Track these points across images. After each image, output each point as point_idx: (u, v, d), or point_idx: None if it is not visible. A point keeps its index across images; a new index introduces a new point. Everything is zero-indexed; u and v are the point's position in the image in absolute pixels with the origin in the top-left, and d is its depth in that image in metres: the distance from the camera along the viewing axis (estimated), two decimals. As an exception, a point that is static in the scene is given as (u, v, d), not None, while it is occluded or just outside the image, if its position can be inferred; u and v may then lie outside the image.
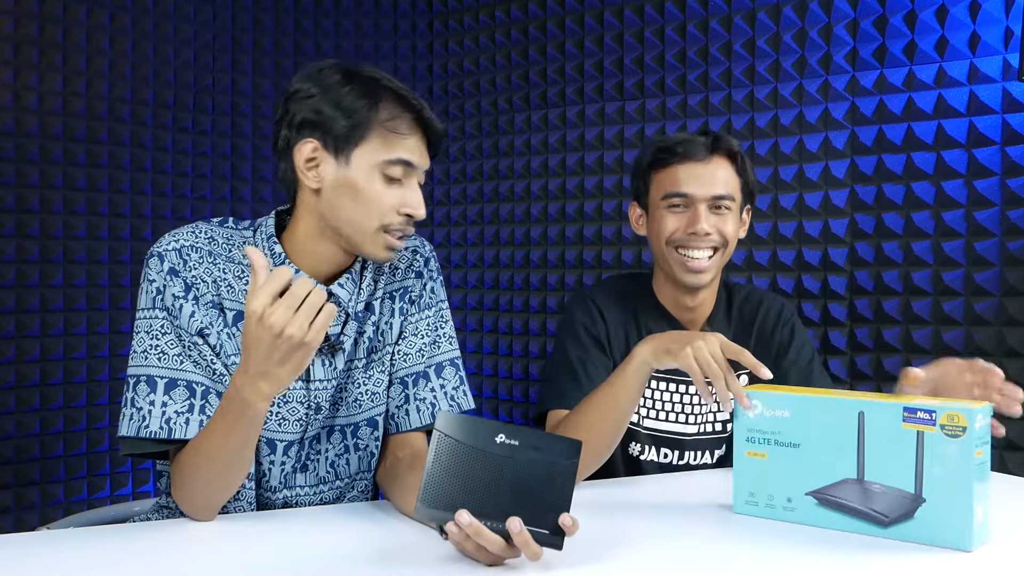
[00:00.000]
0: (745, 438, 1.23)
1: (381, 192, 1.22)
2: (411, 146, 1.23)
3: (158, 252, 1.23)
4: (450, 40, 3.29)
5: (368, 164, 1.21)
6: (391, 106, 1.22)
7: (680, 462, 1.63)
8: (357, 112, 1.20)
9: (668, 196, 1.58)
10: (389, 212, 1.23)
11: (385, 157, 1.21)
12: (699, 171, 1.56)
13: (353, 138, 1.21)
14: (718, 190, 1.56)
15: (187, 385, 1.19)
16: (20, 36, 2.68)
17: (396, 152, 1.22)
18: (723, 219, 1.57)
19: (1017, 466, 2.11)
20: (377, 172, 1.21)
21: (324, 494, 1.35)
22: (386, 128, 1.21)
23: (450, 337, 1.40)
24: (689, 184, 1.56)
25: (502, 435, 0.98)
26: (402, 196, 1.23)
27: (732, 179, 1.58)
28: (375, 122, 1.21)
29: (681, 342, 1.29)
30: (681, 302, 1.63)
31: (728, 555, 1.11)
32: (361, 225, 1.23)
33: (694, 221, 1.54)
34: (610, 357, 1.59)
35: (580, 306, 1.64)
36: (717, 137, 1.60)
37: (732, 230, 1.58)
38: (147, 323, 1.21)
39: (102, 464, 2.88)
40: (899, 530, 1.12)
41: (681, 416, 1.61)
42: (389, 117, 1.21)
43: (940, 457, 1.09)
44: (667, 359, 1.30)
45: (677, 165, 1.57)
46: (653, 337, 1.36)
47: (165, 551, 1.10)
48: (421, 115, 1.24)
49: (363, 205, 1.22)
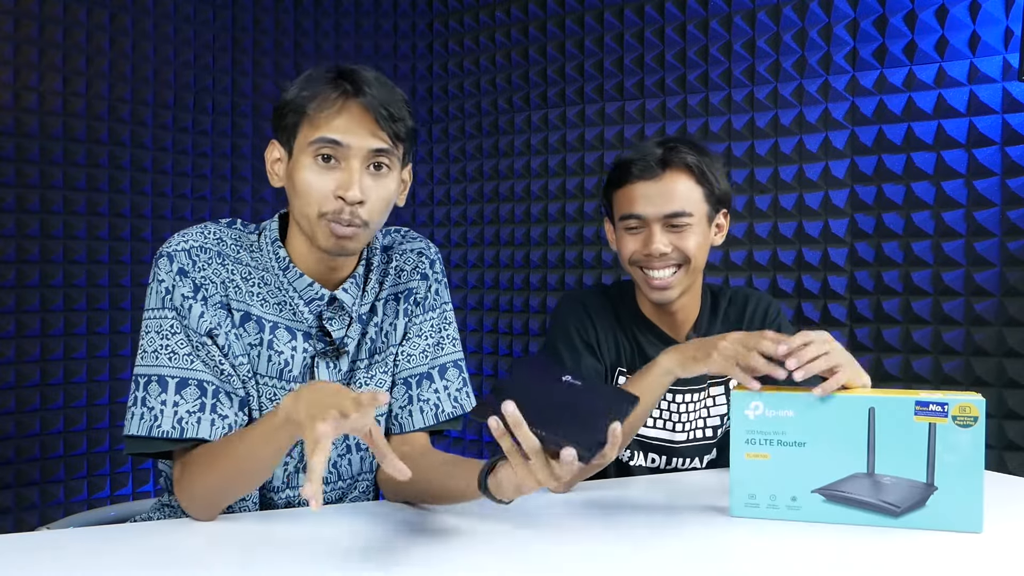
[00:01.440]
0: (744, 440, 1.23)
1: (314, 178, 1.18)
2: (337, 125, 1.17)
3: (167, 252, 1.23)
4: (450, 40, 3.29)
5: (303, 150, 1.19)
6: (319, 86, 1.18)
7: (668, 467, 1.63)
8: (298, 94, 1.19)
9: (623, 218, 1.55)
10: (325, 198, 1.18)
11: (311, 138, 1.18)
12: (651, 190, 1.51)
13: (290, 127, 1.20)
14: (672, 207, 1.51)
15: (198, 384, 1.19)
16: (20, 36, 2.68)
17: (319, 131, 1.18)
18: (681, 235, 1.51)
19: (1017, 466, 2.11)
20: (309, 157, 1.19)
21: (326, 494, 1.34)
22: (311, 109, 1.18)
23: (454, 339, 1.40)
24: (642, 204, 1.52)
25: (569, 376, 1.04)
26: (336, 179, 1.18)
27: (690, 192, 1.52)
28: (305, 105, 1.18)
29: (705, 348, 1.31)
30: (662, 314, 1.62)
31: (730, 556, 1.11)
32: (306, 216, 1.20)
33: (648, 242, 1.51)
34: (601, 361, 1.58)
35: (571, 309, 1.62)
36: (670, 149, 1.53)
37: (693, 244, 1.52)
38: (157, 323, 1.21)
39: (102, 464, 2.88)
40: (910, 519, 1.16)
41: (670, 424, 1.61)
42: (313, 96, 1.18)
43: (953, 446, 1.14)
44: (696, 366, 1.32)
45: (631, 184, 1.53)
46: (675, 349, 1.38)
47: (165, 551, 1.10)
48: (353, 92, 1.17)
49: (303, 195, 1.20)
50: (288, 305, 1.26)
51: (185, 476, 1.19)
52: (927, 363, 2.26)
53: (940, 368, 2.24)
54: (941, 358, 2.24)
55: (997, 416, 2.13)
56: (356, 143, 1.18)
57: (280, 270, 1.26)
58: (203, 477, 1.17)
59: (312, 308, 1.26)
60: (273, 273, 1.27)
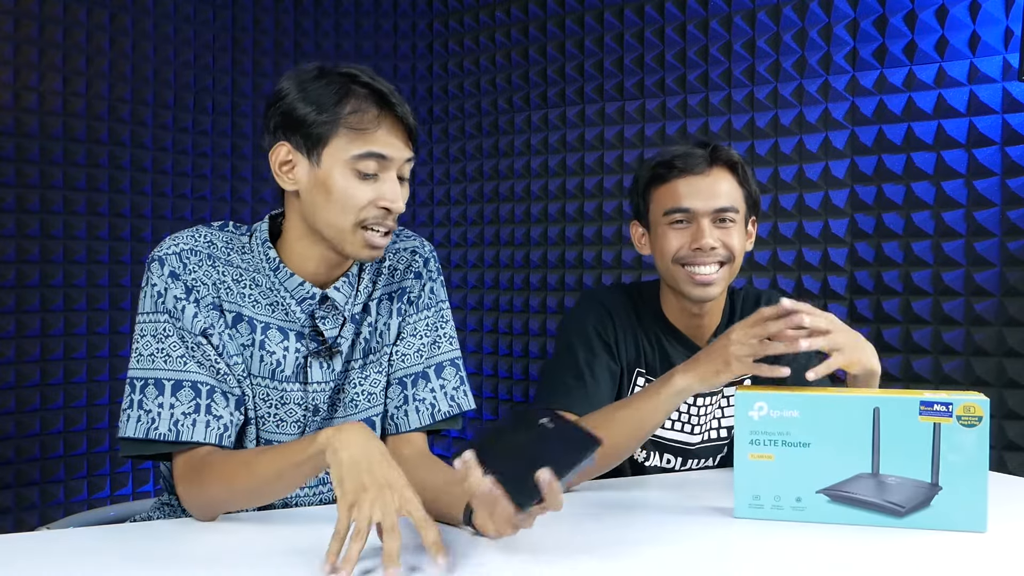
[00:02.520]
0: (748, 441, 1.22)
1: (355, 188, 1.20)
2: (380, 138, 1.20)
3: (158, 256, 1.23)
4: (450, 40, 3.29)
5: (339, 161, 1.20)
6: (356, 100, 1.20)
7: (683, 467, 1.63)
8: (324, 110, 1.19)
9: (669, 212, 1.53)
10: (365, 207, 1.21)
11: (354, 152, 1.19)
12: (700, 184, 1.52)
13: (321, 136, 1.20)
14: (721, 202, 1.51)
15: (192, 386, 1.20)
16: (20, 36, 2.68)
17: (365, 146, 1.19)
18: (727, 232, 1.52)
19: (1017, 466, 2.11)
20: (348, 169, 1.20)
21: (324, 495, 1.35)
22: (351, 123, 1.19)
23: (450, 337, 1.40)
24: (690, 198, 1.51)
25: (545, 419, 1.06)
26: (377, 190, 1.21)
27: (734, 190, 1.54)
28: (340, 118, 1.19)
29: (719, 358, 1.32)
30: (689, 317, 1.60)
31: (734, 557, 1.11)
32: (338, 224, 1.21)
33: (698, 236, 1.50)
34: (618, 362, 1.57)
35: (591, 307, 1.60)
36: (716, 148, 1.55)
37: (738, 243, 1.53)
38: (151, 327, 1.22)
39: (102, 464, 2.88)
40: (914, 519, 1.16)
41: (687, 427, 1.60)
42: (353, 111, 1.19)
43: (957, 445, 1.14)
44: (719, 379, 1.33)
45: (677, 180, 1.53)
46: (689, 367, 1.37)
47: (165, 551, 1.10)
48: (386, 106, 1.21)
49: (337, 203, 1.20)
50: (280, 305, 1.27)
51: (196, 480, 1.18)
52: (927, 363, 2.26)
53: (940, 368, 2.24)
54: (941, 358, 2.24)
55: (997, 416, 2.13)
56: (396, 155, 1.22)
57: (271, 271, 1.27)
58: (217, 486, 1.16)
59: (304, 308, 1.27)
60: (264, 274, 1.27)
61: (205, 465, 1.18)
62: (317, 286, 1.27)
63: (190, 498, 1.19)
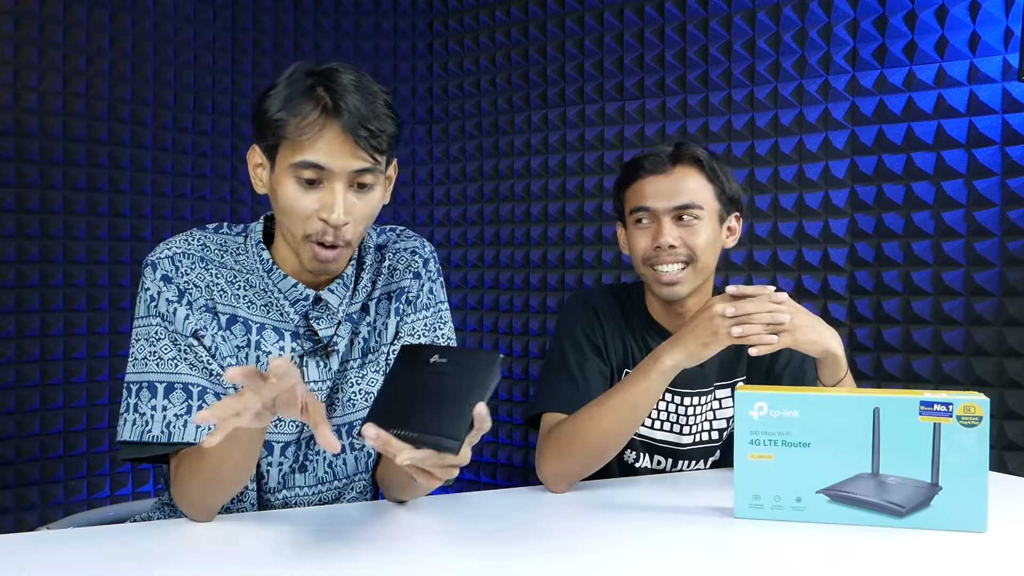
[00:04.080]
0: (748, 441, 1.22)
1: (297, 198, 1.17)
2: (320, 147, 1.14)
3: (152, 261, 1.25)
4: (450, 40, 3.29)
5: (284, 168, 1.17)
6: (305, 104, 1.14)
7: (674, 469, 1.63)
8: (277, 112, 1.15)
9: (634, 211, 1.57)
10: (306, 218, 1.17)
11: (293, 160, 1.16)
12: (662, 183, 1.54)
13: (272, 142, 1.17)
14: (681, 200, 1.53)
15: (184, 387, 1.20)
16: (20, 36, 2.68)
17: (301, 154, 1.15)
18: (690, 230, 1.52)
19: (1017, 466, 2.11)
20: (291, 176, 1.17)
21: (323, 494, 1.35)
22: (291, 130, 1.14)
23: (449, 339, 1.40)
24: (652, 197, 1.54)
25: (435, 355, 1.00)
26: (319, 200, 1.16)
27: (701, 188, 1.54)
28: (290, 123, 1.14)
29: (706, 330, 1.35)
30: (674, 316, 1.62)
31: (734, 557, 1.11)
32: (292, 232, 1.20)
33: (658, 234, 1.52)
34: (607, 363, 1.59)
35: (579, 310, 1.62)
36: (680, 145, 1.57)
37: (702, 241, 1.53)
38: (145, 330, 1.23)
39: (102, 464, 2.88)
40: (914, 519, 1.16)
41: (676, 427, 1.61)
42: (297, 116, 1.14)
43: (957, 446, 1.15)
44: (706, 351, 1.36)
45: (643, 180, 1.56)
46: (675, 344, 1.39)
47: (165, 551, 1.10)
48: (334, 113, 1.14)
49: (285, 212, 1.19)
50: (274, 306, 1.27)
51: (177, 479, 1.20)
52: (927, 363, 2.26)
53: (940, 368, 2.24)
54: (941, 358, 2.24)
55: (997, 416, 2.13)
56: (338, 165, 1.15)
57: (264, 272, 1.27)
58: (190, 480, 1.18)
59: (298, 308, 1.27)
60: (258, 275, 1.27)
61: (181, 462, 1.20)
62: (311, 287, 1.28)
63: (178, 498, 1.20)
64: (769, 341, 1.34)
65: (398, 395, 0.99)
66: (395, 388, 0.99)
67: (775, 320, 1.35)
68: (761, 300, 1.36)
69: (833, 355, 1.39)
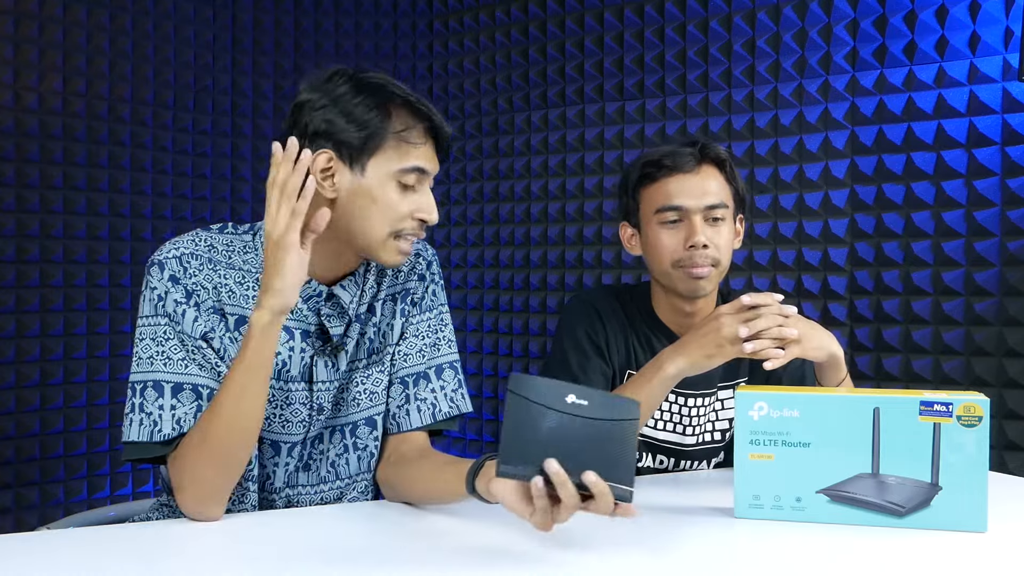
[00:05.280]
0: (748, 440, 1.22)
1: (397, 199, 1.24)
2: (424, 154, 1.25)
3: (159, 260, 1.24)
4: (450, 40, 3.29)
5: (384, 173, 1.23)
6: (403, 116, 1.24)
7: (676, 469, 1.63)
8: (370, 123, 1.22)
9: (661, 210, 1.53)
10: (404, 218, 1.25)
11: (400, 166, 1.23)
12: (689, 182, 1.52)
13: (367, 148, 1.22)
14: (711, 199, 1.51)
15: (193, 388, 1.20)
16: (20, 36, 2.68)
17: (410, 160, 1.23)
18: (717, 230, 1.52)
19: (1017, 466, 2.11)
20: (392, 181, 1.23)
21: (325, 494, 1.35)
22: (400, 138, 1.23)
23: (450, 340, 1.41)
24: (681, 196, 1.51)
25: (572, 395, 1.01)
26: (416, 202, 1.25)
27: (723, 188, 1.54)
28: (388, 132, 1.22)
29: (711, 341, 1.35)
30: (681, 317, 1.60)
31: (734, 557, 1.11)
32: (375, 231, 1.24)
33: (691, 234, 1.50)
34: (609, 365, 1.58)
35: (581, 311, 1.61)
36: (704, 146, 1.55)
37: (726, 241, 1.53)
38: (151, 330, 1.22)
39: (102, 464, 2.88)
40: (914, 519, 1.16)
41: (680, 427, 1.60)
42: (402, 127, 1.23)
43: (957, 446, 1.15)
44: (710, 363, 1.36)
45: (666, 178, 1.53)
46: (678, 350, 1.39)
47: (165, 551, 1.10)
48: (432, 123, 1.26)
49: (380, 213, 1.24)
50: None
51: (177, 467, 1.18)
52: (927, 363, 2.26)
53: (940, 368, 2.24)
54: (941, 358, 2.24)
55: (997, 416, 2.13)
56: (435, 169, 1.27)
57: None
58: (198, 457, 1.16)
59: (311, 305, 1.27)
60: None
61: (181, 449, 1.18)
62: (320, 282, 1.28)
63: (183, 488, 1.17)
64: (777, 355, 1.33)
65: (538, 432, 0.98)
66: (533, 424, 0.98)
67: (782, 335, 1.34)
68: (770, 316, 1.35)
69: (836, 358, 1.40)
